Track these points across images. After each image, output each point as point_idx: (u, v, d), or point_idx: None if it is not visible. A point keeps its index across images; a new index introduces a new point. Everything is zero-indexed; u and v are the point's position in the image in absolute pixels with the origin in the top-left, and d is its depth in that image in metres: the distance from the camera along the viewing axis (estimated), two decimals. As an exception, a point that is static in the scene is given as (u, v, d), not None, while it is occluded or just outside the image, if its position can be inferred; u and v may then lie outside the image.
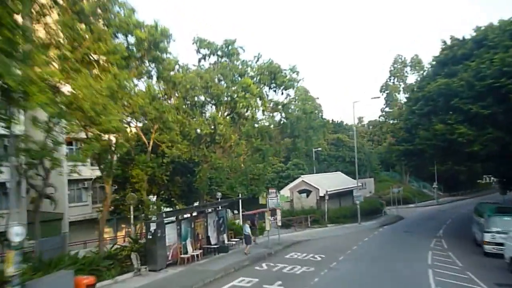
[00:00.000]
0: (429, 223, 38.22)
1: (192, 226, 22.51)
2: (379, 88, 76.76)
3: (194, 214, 23.14)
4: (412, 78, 74.09)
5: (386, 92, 75.64)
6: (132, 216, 22.95)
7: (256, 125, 23.16)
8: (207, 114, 23.78)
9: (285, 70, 23.50)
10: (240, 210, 35.75)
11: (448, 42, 32.33)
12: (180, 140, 21.26)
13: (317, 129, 24.45)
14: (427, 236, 30.45)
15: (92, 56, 14.03)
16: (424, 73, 73.14)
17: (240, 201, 33.99)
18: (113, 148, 18.07)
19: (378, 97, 38.02)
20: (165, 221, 20.14)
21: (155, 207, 24.89)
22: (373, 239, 29.99)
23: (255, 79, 23.46)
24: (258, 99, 22.31)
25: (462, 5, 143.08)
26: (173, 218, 21.17)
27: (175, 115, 19.35)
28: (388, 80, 75.35)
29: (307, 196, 42.39)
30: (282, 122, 24.03)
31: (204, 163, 23.12)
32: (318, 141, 26.29)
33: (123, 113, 15.14)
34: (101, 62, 15.18)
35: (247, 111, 22.40)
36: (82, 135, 15.35)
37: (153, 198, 31.94)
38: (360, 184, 48.47)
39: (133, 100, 14.28)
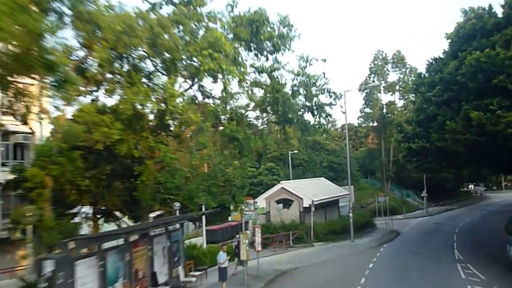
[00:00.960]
0: (434, 240, 31.55)
1: (127, 258, 14.23)
2: (358, 86, 70.52)
3: (133, 238, 14.90)
4: (393, 76, 68.60)
5: (366, 91, 69.61)
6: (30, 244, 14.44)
7: (230, 103, 15.13)
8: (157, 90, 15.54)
9: (272, 24, 15.78)
10: (204, 225, 27.66)
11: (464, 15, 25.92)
12: (108, 121, 13.02)
13: (321, 108, 16.51)
14: (446, 260, 23.61)
15: None
16: (411, 69, 68.69)
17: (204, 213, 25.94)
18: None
19: (378, 84, 31.12)
20: (76, 255, 11.80)
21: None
22: (380, 265, 22.70)
23: (228, 36, 15.61)
24: (232, 63, 14.40)
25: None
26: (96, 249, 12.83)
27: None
28: (368, 78, 69.27)
29: (285, 206, 34.85)
30: (269, 100, 16.01)
31: (149, 159, 14.89)
32: (324, 127, 18.01)
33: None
34: None
35: (215, 80, 14.43)
36: None
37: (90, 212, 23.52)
38: (347, 193, 41.46)
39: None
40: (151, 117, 16.27)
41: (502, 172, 42.52)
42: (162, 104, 14.26)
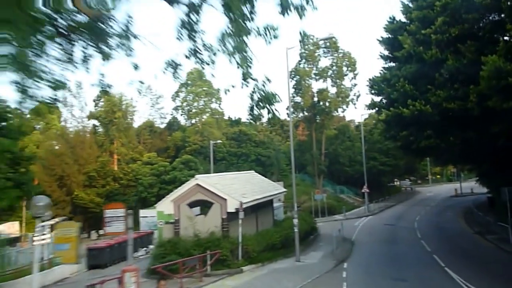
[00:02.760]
0: (405, 253, 23.50)
1: None
2: (287, 74, 62.01)
3: None
4: (325, 61, 61.44)
5: (296, 79, 61.62)
6: None
7: None
8: None
9: None
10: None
11: None
12: None
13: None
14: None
15: None
16: (344, 54, 61.82)
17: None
18: None
19: (332, 37, 22.53)
20: None
21: None
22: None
23: None
24: None
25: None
26: None
27: None
28: (298, 64, 61.43)
29: (203, 212, 24.57)
30: None
31: None
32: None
33: None
34: None
35: None
36: None
37: None
38: (284, 190, 32.16)
39: None
40: None
41: None
42: None
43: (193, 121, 64.56)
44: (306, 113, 62.57)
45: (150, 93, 69.69)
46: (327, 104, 59.42)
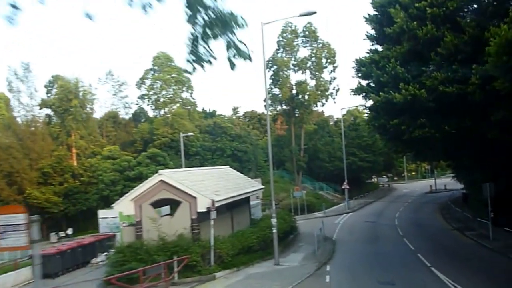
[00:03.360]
0: (389, 252, 21.99)
1: None
2: (264, 64, 59.68)
3: None
4: (304, 51, 59.58)
5: (273, 69, 59.49)
6: None
7: None
8: None
9: None
10: None
11: None
12: None
13: None
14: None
15: None
16: (323, 44, 59.95)
17: None
18: None
19: (314, 12, 20.12)
20: None
21: None
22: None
23: None
24: None
25: None
26: None
27: None
28: (276, 53, 59.29)
29: (170, 212, 22.35)
30: None
31: None
32: None
33: None
34: None
35: None
36: None
37: None
38: (262, 187, 30.06)
39: None
40: None
41: None
42: None
43: (162, 111, 60.21)
44: (284, 107, 60.67)
45: (111, 80, 63.88)
46: (306, 97, 57.64)
